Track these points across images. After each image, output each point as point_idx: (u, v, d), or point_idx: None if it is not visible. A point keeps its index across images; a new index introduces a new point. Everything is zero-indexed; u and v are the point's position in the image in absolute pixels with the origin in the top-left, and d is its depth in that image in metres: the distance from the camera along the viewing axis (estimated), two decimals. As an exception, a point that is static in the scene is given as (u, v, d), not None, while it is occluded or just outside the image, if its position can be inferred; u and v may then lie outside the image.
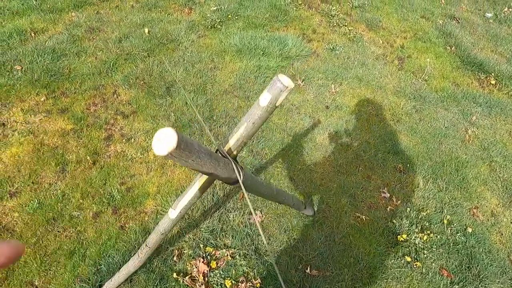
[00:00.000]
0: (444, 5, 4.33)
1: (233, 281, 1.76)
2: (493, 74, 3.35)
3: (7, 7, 3.13)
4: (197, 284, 1.72)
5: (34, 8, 3.17)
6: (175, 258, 1.82)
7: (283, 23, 3.57)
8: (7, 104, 2.42)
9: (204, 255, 1.84)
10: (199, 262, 1.79)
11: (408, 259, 1.95)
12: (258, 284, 1.76)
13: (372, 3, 4.11)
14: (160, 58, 2.93)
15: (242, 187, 0.91)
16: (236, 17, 3.51)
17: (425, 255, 1.98)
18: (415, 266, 1.95)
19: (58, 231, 1.86)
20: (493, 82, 3.31)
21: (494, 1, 4.58)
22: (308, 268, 1.86)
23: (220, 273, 1.77)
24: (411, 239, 2.05)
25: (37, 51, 2.76)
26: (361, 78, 3.11)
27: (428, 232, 2.07)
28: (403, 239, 2.04)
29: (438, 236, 2.08)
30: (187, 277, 1.73)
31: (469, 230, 2.16)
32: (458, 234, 2.11)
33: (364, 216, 2.17)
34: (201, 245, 1.88)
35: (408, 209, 2.21)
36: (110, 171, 2.19)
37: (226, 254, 1.85)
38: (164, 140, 0.61)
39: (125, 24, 3.20)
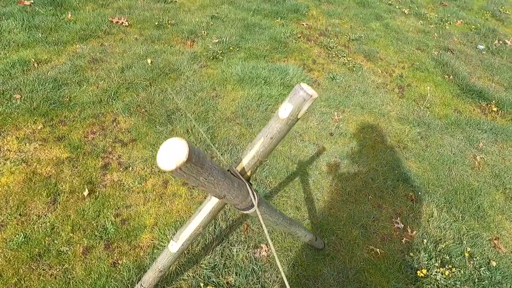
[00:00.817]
0: (437, 38, 4.49)
1: (237, 327, 1.55)
2: (493, 101, 3.37)
3: (13, 39, 3.18)
4: (196, 331, 1.51)
5: (39, 40, 3.23)
6: (172, 300, 1.62)
7: (283, 54, 3.65)
8: (2, 133, 2.34)
9: (205, 295, 1.64)
10: (200, 304, 1.60)
11: (431, 297, 1.76)
12: (266, 329, 1.56)
13: (369, 36, 4.25)
14: (162, 87, 2.93)
15: (258, 213, 0.80)
16: (238, 49, 3.59)
17: (449, 293, 1.79)
18: (439, 306, 1.75)
19: (43, 269, 1.68)
20: (494, 109, 3.31)
21: (484, 35, 4.77)
22: (322, 310, 1.66)
23: (223, 317, 1.57)
24: (431, 274, 1.87)
25: (39, 80, 2.75)
26: (363, 105, 3.10)
27: (450, 266, 1.89)
28: (423, 275, 1.86)
29: (461, 271, 1.90)
30: (185, 322, 1.52)
31: (493, 263, 1.99)
32: (482, 269, 1.93)
33: (378, 249, 2.00)
34: (202, 284, 1.69)
35: (425, 240, 2.06)
36: (104, 201, 2.05)
37: (229, 294, 1.66)
38: (172, 153, 0.52)
39: (128, 55, 3.25)
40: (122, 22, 3.69)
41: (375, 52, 3.92)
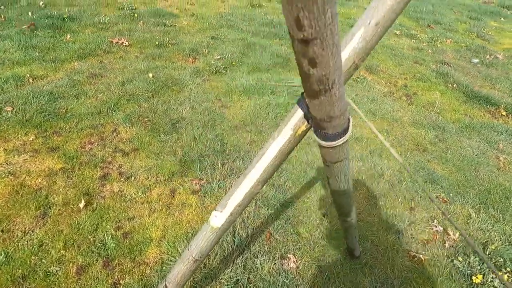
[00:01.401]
0: (432, 54, 4.61)
1: None
2: (501, 106, 3.33)
3: (8, 57, 3.06)
4: None
5: (36, 58, 3.12)
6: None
7: (286, 68, 3.62)
8: (-12, 145, 2.10)
9: (229, 317, 1.33)
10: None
11: (496, 307, 1.49)
12: None
13: (367, 52, 4.33)
14: (165, 99, 2.79)
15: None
16: (240, 64, 3.55)
17: (514, 301, 1.52)
18: (507, 318, 1.46)
19: (26, 294, 1.36)
20: (504, 113, 3.26)
21: (475, 51, 4.95)
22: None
23: None
24: (488, 281, 1.60)
25: (33, 94, 2.57)
26: (374, 112, 3.00)
27: (507, 270, 1.64)
28: (479, 281, 1.59)
29: (521, 275, 1.64)
30: None
31: (552, 265, 1.74)
32: (542, 271, 1.68)
33: (421, 255, 1.74)
34: (224, 303, 1.39)
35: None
36: (103, 213, 1.77)
37: (258, 314, 1.35)
38: None
39: (129, 70, 3.15)
40: (122, 42, 3.65)
41: (376, 65, 3.94)
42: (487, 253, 1.76)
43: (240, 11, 5.24)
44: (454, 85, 3.70)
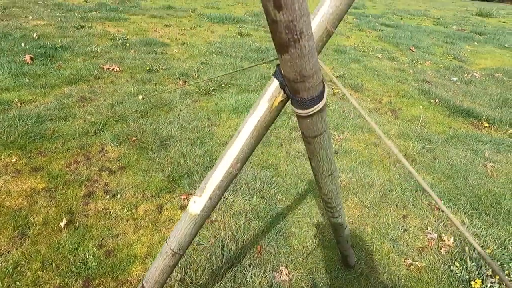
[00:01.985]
0: (413, 74, 4.82)
1: None
2: (483, 118, 3.44)
3: (-3, 84, 3.08)
4: None
5: (25, 84, 3.14)
6: None
7: (274, 89, 3.71)
8: (-31, 167, 2.04)
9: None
10: None
11: (498, 312, 1.42)
12: None
13: (351, 73, 4.50)
14: (155, 118, 2.80)
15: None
16: (229, 85, 3.64)
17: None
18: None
19: (-5, 318, 1.24)
20: (486, 124, 3.36)
21: (453, 70, 5.19)
22: None
23: None
24: (487, 286, 1.55)
25: (20, 117, 2.56)
26: (362, 126, 3.06)
27: (506, 272, 1.59)
28: (478, 286, 1.53)
29: (520, 278, 1.59)
30: None
31: (550, 268, 1.70)
32: (542, 274, 1.64)
33: (417, 263, 1.69)
34: (212, 320, 1.29)
35: (467, 248, 1.77)
36: (86, 232, 1.69)
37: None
38: None
39: (119, 94, 3.18)
40: (114, 68, 3.73)
41: (360, 84, 4.09)
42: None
43: (229, 40, 5.48)
44: (436, 100, 3.83)
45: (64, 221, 1.72)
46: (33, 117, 2.57)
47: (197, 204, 0.74)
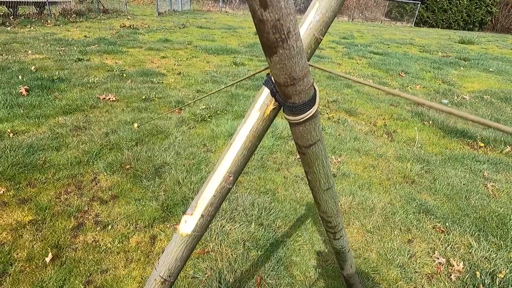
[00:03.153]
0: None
1: None
2: (478, 138, 3.46)
3: (-9, 116, 3.05)
4: None
5: (20, 115, 3.13)
6: None
7: (269, 114, 3.74)
8: (-47, 200, 1.94)
9: None
10: None
11: None
12: None
13: (344, 98, 4.58)
14: (150, 146, 2.76)
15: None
16: (225, 112, 3.66)
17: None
18: None
19: None
20: (482, 144, 3.37)
21: (443, 93, 5.33)
22: None
23: None
24: (505, 314, 1.44)
25: (11, 147, 2.51)
26: (358, 149, 3.04)
27: (522, 298, 1.49)
28: (496, 315, 1.43)
29: (538, 304, 1.49)
30: None
31: None
32: (560, 299, 1.54)
33: (428, 290, 1.59)
34: None
35: (478, 273, 1.68)
36: (73, 267, 1.58)
37: None
38: None
39: (114, 122, 3.17)
40: (110, 98, 3.75)
41: (354, 108, 4.14)
42: (497, 283, 1.62)
43: (224, 69, 5.62)
44: (430, 122, 3.88)
45: (50, 256, 1.62)
46: (24, 148, 2.52)
47: (188, 224, 0.68)
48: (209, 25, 11.99)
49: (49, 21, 9.23)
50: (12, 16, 8.85)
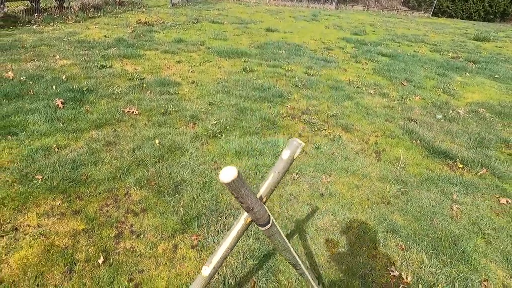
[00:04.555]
0: (401, 112, 5.29)
1: None
2: (458, 159, 3.87)
3: (37, 129, 3.65)
4: None
5: (60, 129, 3.71)
6: None
7: (272, 130, 4.23)
8: (23, 210, 2.56)
9: None
10: None
11: None
12: None
13: (344, 112, 5.00)
14: (170, 163, 3.31)
15: (276, 225, 1.08)
16: (233, 128, 4.16)
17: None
18: None
19: (59, 338, 1.72)
20: (460, 166, 3.79)
21: (440, 107, 5.66)
22: None
23: None
24: (432, 318, 1.97)
25: (59, 162, 3.10)
26: (347, 169, 3.52)
27: (447, 308, 2.01)
28: (424, 319, 1.96)
29: (458, 312, 2.01)
30: None
31: (487, 304, 2.11)
32: (478, 309, 2.05)
33: (379, 297, 2.12)
34: None
35: (420, 286, 2.20)
36: (118, 268, 2.18)
37: None
38: (228, 173, 0.87)
39: (138, 138, 3.72)
40: (133, 111, 4.29)
41: (351, 124, 4.57)
42: (433, 294, 2.14)
43: (234, 77, 6.05)
44: (418, 141, 4.29)
45: (102, 258, 2.21)
46: (69, 163, 3.11)
47: (205, 271, 1.22)
48: (221, 19, 12.24)
49: (69, 17, 9.71)
50: (36, 13, 9.35)
